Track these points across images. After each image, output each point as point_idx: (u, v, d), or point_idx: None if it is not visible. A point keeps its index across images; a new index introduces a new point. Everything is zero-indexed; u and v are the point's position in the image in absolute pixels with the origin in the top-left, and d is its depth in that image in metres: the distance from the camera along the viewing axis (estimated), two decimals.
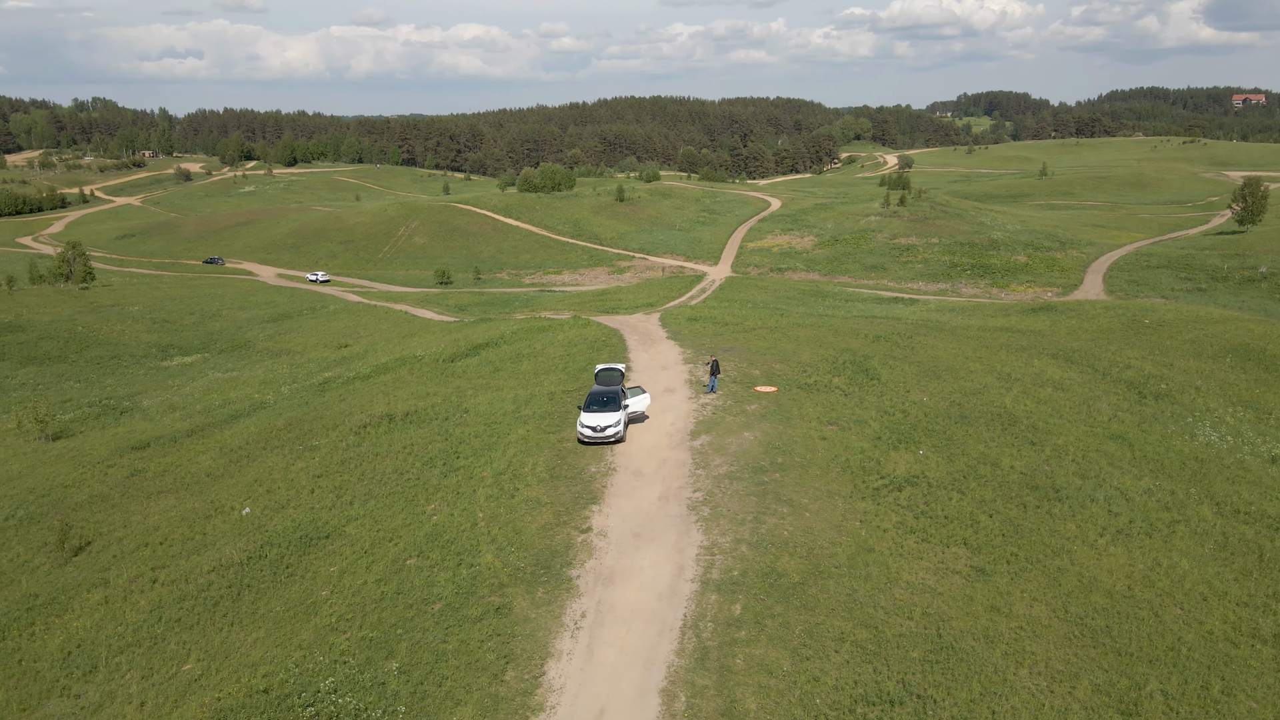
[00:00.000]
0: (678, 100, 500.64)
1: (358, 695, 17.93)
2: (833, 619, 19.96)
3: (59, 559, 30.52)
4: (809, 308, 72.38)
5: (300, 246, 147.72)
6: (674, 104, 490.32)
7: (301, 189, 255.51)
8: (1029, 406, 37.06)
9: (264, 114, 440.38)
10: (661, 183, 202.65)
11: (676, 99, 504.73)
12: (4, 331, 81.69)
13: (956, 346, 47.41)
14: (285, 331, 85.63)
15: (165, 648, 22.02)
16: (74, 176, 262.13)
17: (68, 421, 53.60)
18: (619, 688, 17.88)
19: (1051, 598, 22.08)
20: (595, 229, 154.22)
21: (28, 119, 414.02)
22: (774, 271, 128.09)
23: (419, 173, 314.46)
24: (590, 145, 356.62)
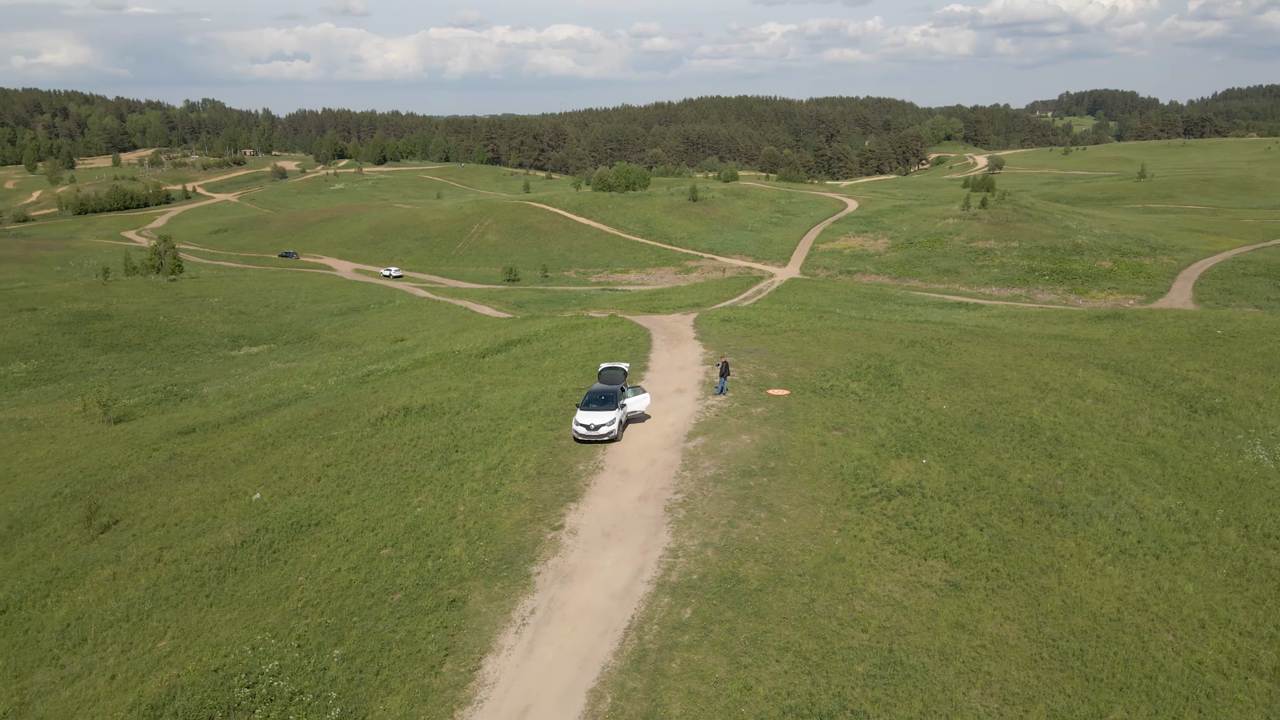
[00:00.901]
0: (764, 100, 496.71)
1: (298, 680, 18.41)
2: (782, 628, 19.55)
3: (87, 536, 32.17)
4: (863, 311, 70.89)
5: (379, 243, 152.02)
6: (760, 104, 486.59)
7: (388, 187, 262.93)
8: (1058, 418, 35.55)
9: (359, 114, 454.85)
10: (737, 183, 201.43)
11: (763, 99, 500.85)
12: (92, 320, 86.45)
13: (998, 354, 45.80)
14: (350, 325, 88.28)
15: (148, 624, 23.00)
16: (179, 174, 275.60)
17: (131, 406, 56.44)
18: (550, 686, 17.90)
19: (1026, 617, 21.16)
20: (666, 228, 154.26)
21: (143, 119, 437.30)
22: (843, 274, 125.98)
23: (502, 171, 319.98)
24: (672, 145, 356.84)
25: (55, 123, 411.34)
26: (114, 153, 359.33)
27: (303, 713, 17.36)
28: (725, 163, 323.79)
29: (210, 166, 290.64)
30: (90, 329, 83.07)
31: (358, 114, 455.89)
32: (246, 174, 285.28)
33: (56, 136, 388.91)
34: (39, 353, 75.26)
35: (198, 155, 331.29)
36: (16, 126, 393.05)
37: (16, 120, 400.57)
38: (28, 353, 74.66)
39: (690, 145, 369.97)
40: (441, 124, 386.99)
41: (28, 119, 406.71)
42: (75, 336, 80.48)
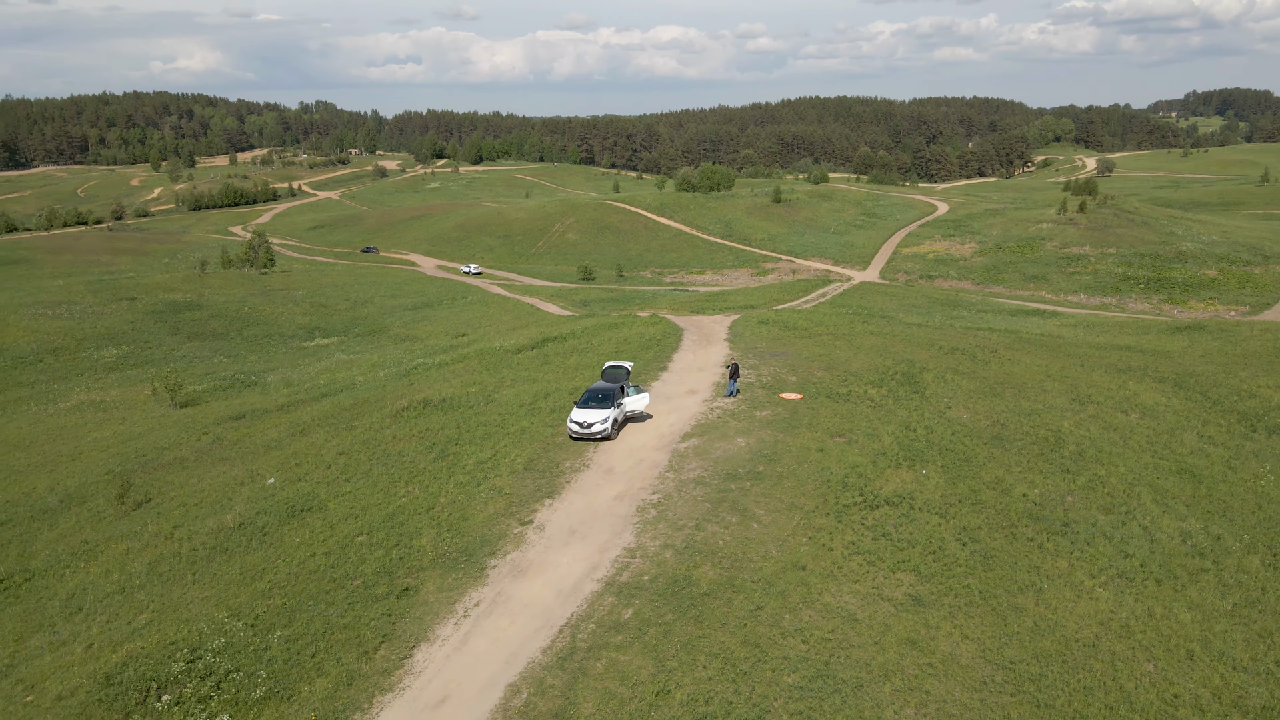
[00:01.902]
0: (864, 100, 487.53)
1: (237, 658, 19.08)
2: (720, 634, 19.21)
3: (119, 512, 34.01)
4: (925, 317, 68.84)
5: (463, 240, 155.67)
6: (859, 104, 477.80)
7: (481, 185, 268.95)
8: (1090, 432, 33.82)
9: (462, 115, 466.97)
10: (824, 185, 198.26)
11: (863, 99, 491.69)
12: (183, 309, 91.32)
13: (1045, 363, 43.87)
14: (420, 319, 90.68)
15: (136, 598, 24.19)
16: (287, 172, 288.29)
17: (199, 391, 59.37)
18: (473, 678, 18.05)
19: (988, 637, 20.22)
20: (746, 230, 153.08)
21: (260, 120, 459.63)
22: (923, 279, 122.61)
23: (594, 171, 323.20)
24: (766, 146, 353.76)
25: (181, 124, 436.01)
26: (231, 152, 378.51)
27: (232, 689, 17.99)
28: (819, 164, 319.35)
29: (316, 165, 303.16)
30: (180, 318, 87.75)
31: (460, 115, 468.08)
32: (349, 173, 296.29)
33: (182, 137, 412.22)
34: (131, 339, 79.90)
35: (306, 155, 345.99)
36: (146, 127, 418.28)
37: (147, 121, 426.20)
38: (120, 339, 79.36)
39: (785, 146, 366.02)
40: (538, 124, 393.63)
41: (157, 120, 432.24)
42: (165, 325, 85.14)
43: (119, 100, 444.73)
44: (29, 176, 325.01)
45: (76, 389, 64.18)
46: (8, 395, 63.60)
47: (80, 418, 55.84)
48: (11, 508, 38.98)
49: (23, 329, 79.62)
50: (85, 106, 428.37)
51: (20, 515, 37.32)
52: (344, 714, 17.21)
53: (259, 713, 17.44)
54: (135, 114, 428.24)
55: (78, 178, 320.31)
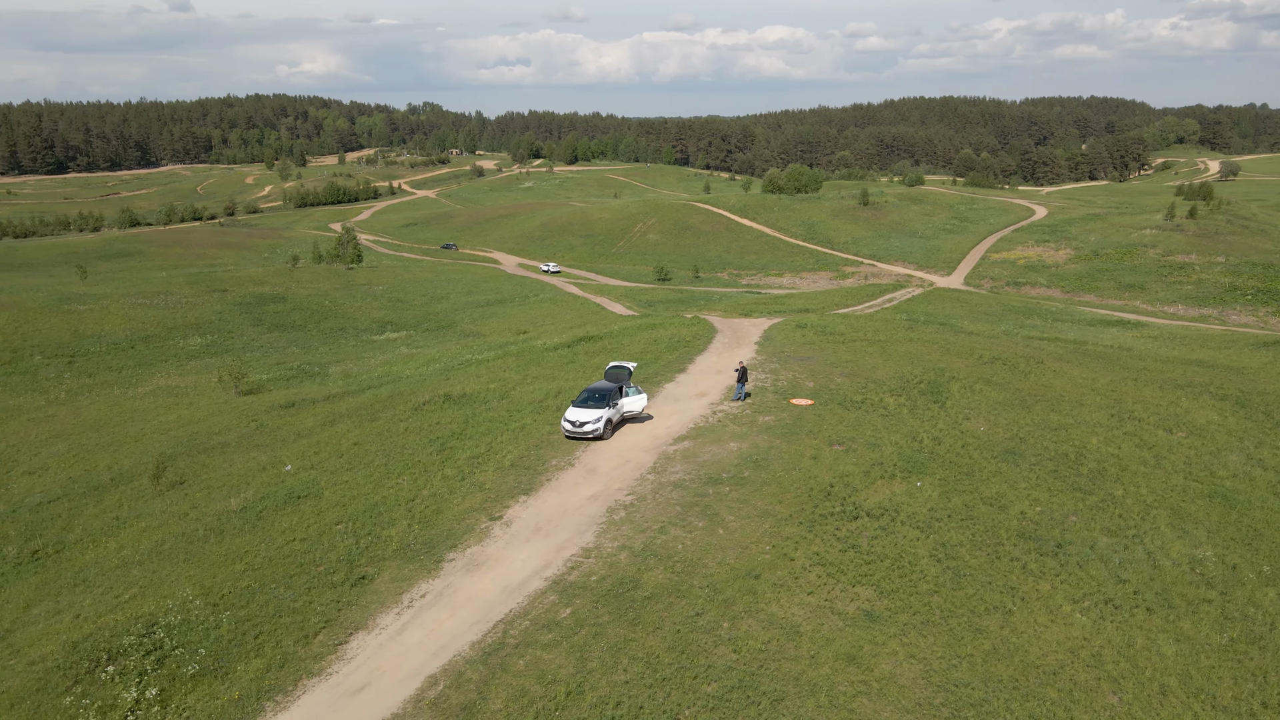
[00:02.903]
0: (970, 101, 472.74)
1: (185, 635, 19.94)
2: (651, 638, 19.04)
3: (154, 492, 35.93)
4: (990, 326, 66.36)
5: (546, 239, 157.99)
6: (966, 105, 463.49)
7: (574, 185, 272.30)
8: (1121, 449, 32.07)
9: (562, 116, 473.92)
10: (917, 188, 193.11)
11: (970, 99, 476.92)
12: (268, 301, 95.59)
13: (1094, 376, 41.79)
14: (489, 316, 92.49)
15: (131, 574, 25.53)
16: (389, 171, 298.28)
17: (264, 380, 62.09)
18: (398, 667, 18.39)
19: (937, 658, 19.42)
20: (829, 233, 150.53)
21: (369, 121, 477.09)
22: (1010, 285, 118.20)
23: (686, 172, 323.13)
24: (863, 147, 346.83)
25: (297, 125, 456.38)
26: (340, 152, 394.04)
27: (172, 664, 18.82)
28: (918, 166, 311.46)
29: (417, 165, 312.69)
30: (264, 310, 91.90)
31: (560, 115, 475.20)
32: (448, 172, 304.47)
33: (297, 137, 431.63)
34: (216, 329, 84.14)
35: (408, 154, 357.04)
36: (265, 128, 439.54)
37: (265, 123, 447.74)
38: (206, 328, 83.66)
39: (884, 148, 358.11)
40: (634, 125, 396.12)
41: (274, 122, 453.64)
42: (250, 316, 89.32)
43: (241, 103, 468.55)
44: (156, 174, 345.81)
45: (158, 374, 67.98)
46: (98, 379, 67.84)
47: (153, 401, 59.14)
48: (71, 484, 41.62)
49: (121, 317, 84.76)
50: (210, 108, 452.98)
51: (75, 491, 39.80)
52: (268, 695, 17.81)
53: (191, 688, 18.20)
54: (255, 115, 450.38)
55: (199, 175, 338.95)
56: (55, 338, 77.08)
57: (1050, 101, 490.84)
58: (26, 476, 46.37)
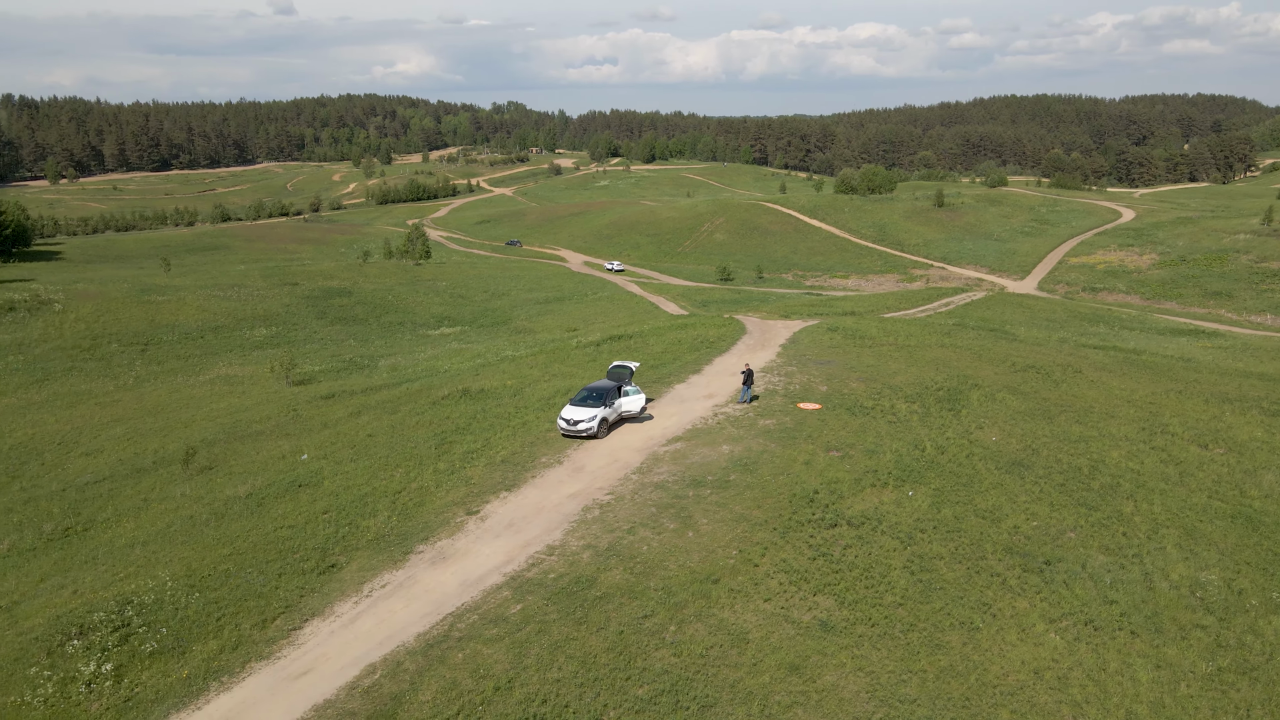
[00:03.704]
0: (1065, 99, 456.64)
1: (154, 614, 20.79)
2: (593, 638, 19.05)
3: (184, 476, 37.52)
4: (1048, 333, 64.07)
5: (613, 237, 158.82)
6: (1060, 103, 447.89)
7: (649, 184, 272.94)
8: (1142, 464, 30.68)
9: (643, 114, 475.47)
10: (998, 189, 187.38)
11: (1064, 98, 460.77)
12: (335, 295, 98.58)
13: (1134, 387, 40.03)
14: (545, 313, 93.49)
15: (132, 554, 26.73)
16: (469, 169, 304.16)
17: (315, 372, 64.10)
18: (342, 655, 18.83)
19: (888, 673, 18.92)
20: (900, 234, 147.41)
21: (455, 120, 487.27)
22: (1085, 291, 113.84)
23: (763, 172, 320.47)
24: (947, 147, 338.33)
25: (385, 124, 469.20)
26: (425, 150, 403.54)
27: (134, 642, 19.66)
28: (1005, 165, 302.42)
29: (496, 163, 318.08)
30: (330, 303, 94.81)
31: (642, 114, 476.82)
32: (526, 170, 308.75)
33: (385, 136, 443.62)
34: (282, 320, 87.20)
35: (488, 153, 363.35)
36: (355, 127, 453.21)
37: (355, 122, 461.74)
38: (272, 320, 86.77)
39: (969, 148, 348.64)
40: (714, 124, 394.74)
41: (364, 121, 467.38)
42: (315, 309, 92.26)
43: (333, 102, 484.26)
44: (251, 171, 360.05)
45: (220, 363, 70.84)
46: (165, 366, 71.08)
47: (210, 389, 61.67)
48: (119, 465, 43.76)
49: (196, 308, 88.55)
50: (305, 108, 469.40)
51: (120, 473, 41.84)
52: (215, 675, 18.45)
53: (148, 665, 18.99)
54: (346, 115, 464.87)
55: (290, 173, 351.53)
56: (132, 327, 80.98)
57: (1152, 99, 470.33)
58: (83, 457, 48.93)
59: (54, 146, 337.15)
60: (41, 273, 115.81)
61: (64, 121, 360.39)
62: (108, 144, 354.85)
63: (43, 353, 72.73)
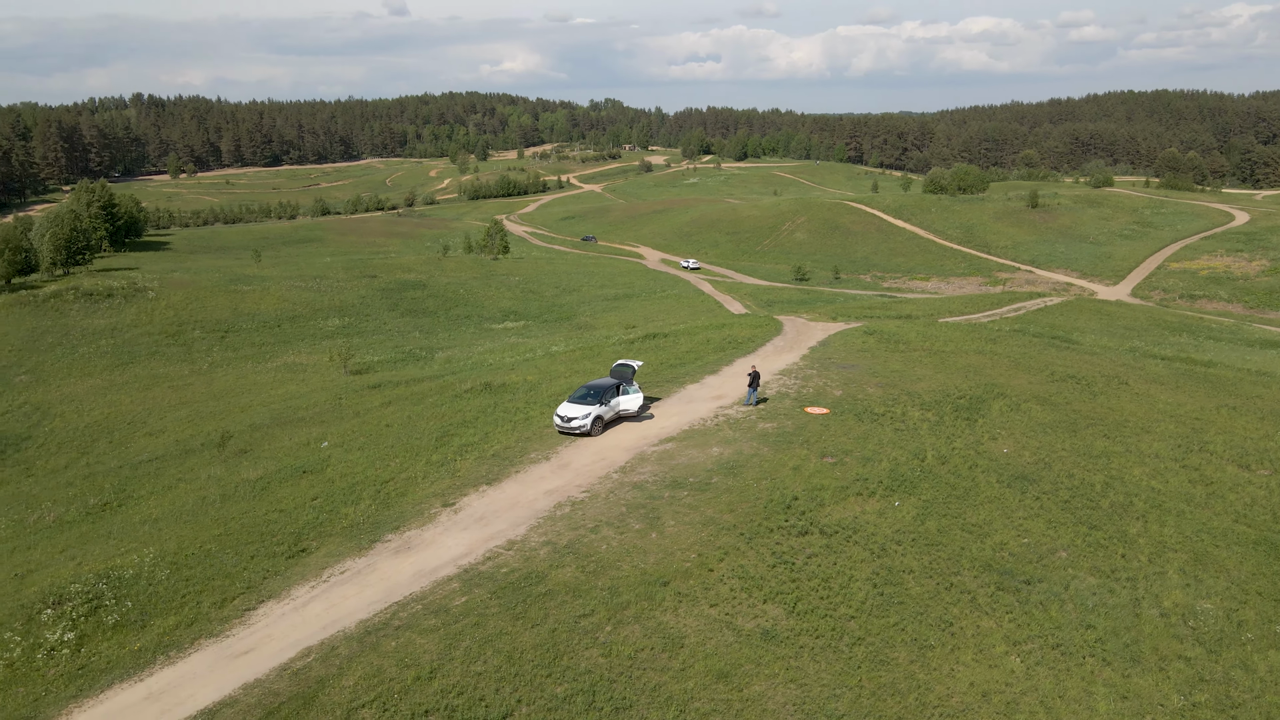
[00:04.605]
0: (1186, 95, 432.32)
1: (127, 588, 21.90)
2: (527, 633, 19.17)
3: (218, 458, 39.32)
4: (1121, 342, 60.94)
5: (693, 235, 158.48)
6: (1180, 99, 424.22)
7: (738, 182, 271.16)
8: (1166, 484, 29.03)
9: (739, 111, 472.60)
10: (1101, 189, 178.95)
11: (1186, 93, 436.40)
12: (410, 288, 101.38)
13: (1182, 400, 37.82)
14: (611, 310, 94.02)
15: (139, 531, 28.22)
16: (560, 166, 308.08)
17: (374, 362, 66.14)
18: (286, 636, 19.45)
19: (821, 685, 18.44)
20: (988, 236, 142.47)
21: (552, 117, 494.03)
22: (1183, 298, 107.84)
23: (856, 170, 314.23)
24: (1053, 146, 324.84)
25: (484, 121, 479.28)
26: (520, 147, 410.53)
27: (101, 614, 20.77)
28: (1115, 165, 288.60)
29: (588, 160, 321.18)
30: (403, 295, 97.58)
31: (738, 111, 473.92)
32: (617, 167, 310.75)
33: (483, 133, 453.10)
34: (355, 311, 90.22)
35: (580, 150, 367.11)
36: (454, 124, 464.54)
37: (455, 119, 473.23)
38: (346, 311, 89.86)
39: (1078, 146, 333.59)
40: (809, 121, 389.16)
41: (464, 118, 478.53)
42: (388, 301, 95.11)
43: (435, 100, 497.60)
44: (354, 167, 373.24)
45: (290, 352, 73.83)
46: (240, 353, 74.51)
47: (274, 376, 64.38)
48: (174, 446, 46.16)
49: (277, 298, 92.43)
50: (408, 106, 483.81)
51: (171, 454, 44.14)
52: (163, 650, 19.33)
53: (107, 637, 20.05)
54: (447, 112, 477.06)
55: (391, 168, 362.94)
56: (216, 314, 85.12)
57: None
58: (146, 437, 51.82)
59: (176, 143, 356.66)
60: (147, 262, 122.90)
61: (186, 119, 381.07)
62: (225, 140, 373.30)
63: (132, 337, 77.20)
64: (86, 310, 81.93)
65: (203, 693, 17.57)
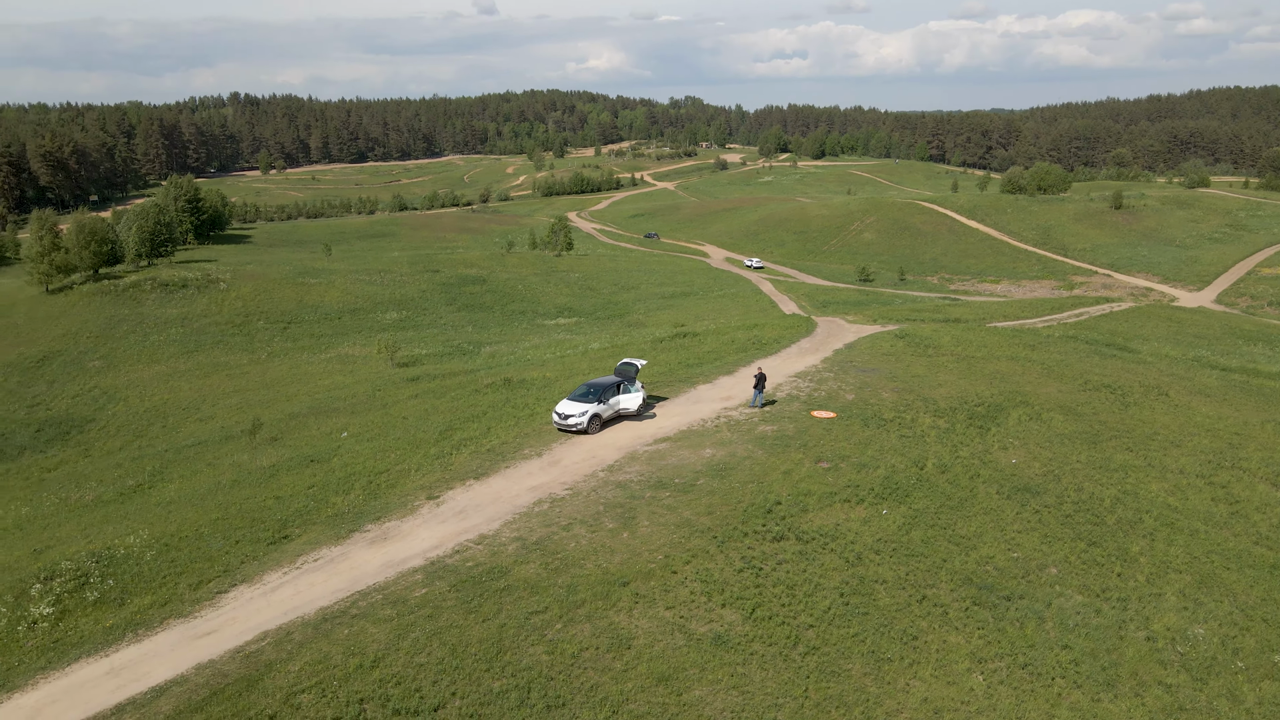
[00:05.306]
0: None
1: (114, 567, 22.87)
2: (477, 627, 19.34)
3: (250, 445, 40.72)
4: (1189, 351, 58.14)
5: (759, 234, 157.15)
6: None
7: (813, 180, 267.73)
8: (1185, 501, 27.69)
9: (820, 109, 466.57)
10: (1194, 190, 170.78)
11: None
12: (470, 283, 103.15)
13: (1226, 414, 35.95)
14: (666, 308, 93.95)
15: (151, 512, 29.42)
16: (635, 163, 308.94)
17: (421, 355, 67.52)
18: (249, 620, 20.02)
19: (764, 694, 18.14)
20: (1066, 238, 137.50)
21: (631, 115, 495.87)
22: (1272, 305, 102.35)
23: (937, 169, 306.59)
24: (1148, 144, 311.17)
25: (563, 118, 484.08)
26: (598, 144, 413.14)
27: (85, 590, 21.74)
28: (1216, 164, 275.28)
29: (663, 157, 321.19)
30: (462, 290, 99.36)
31: (819, 109, 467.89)
32: (692, 165, 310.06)
33: (562, 130, 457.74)
34: (414, 305, 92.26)
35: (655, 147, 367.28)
36: (534, 122, 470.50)
37: (535, 116, 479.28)
38: (405, 305, 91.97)
39: (1176, 145, 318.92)
40: (890, 119, 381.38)
41: (544, 116, 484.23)
42: (447, 295, 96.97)
43: (517, 98, 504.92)
44: (435, 164, 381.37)
45: (345, 344, 75.94)
46: (299, 343, 76.98)
47: (325, 367, 66.33)
48: (219, 431, 48.01)
49: (341, 291, 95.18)
50: (490, 104, 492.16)
51: (213, 439, 45.92)
52: (133, 628, 20.13)
53: (86, 613, 20.98)
54: (527, 110, 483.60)
55: (470, 165, 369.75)
56: (281, 306, 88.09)
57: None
58: (197, 422, 53.99)
59: (268, 140, 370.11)
60: (226, 254, 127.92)
61: (279, 117, 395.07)
62: (314, 137, 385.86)
63: (201, 326, 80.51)
64: (161, 300, 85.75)
65: (158, 670, 18.25)
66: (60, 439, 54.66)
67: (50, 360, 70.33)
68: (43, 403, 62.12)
